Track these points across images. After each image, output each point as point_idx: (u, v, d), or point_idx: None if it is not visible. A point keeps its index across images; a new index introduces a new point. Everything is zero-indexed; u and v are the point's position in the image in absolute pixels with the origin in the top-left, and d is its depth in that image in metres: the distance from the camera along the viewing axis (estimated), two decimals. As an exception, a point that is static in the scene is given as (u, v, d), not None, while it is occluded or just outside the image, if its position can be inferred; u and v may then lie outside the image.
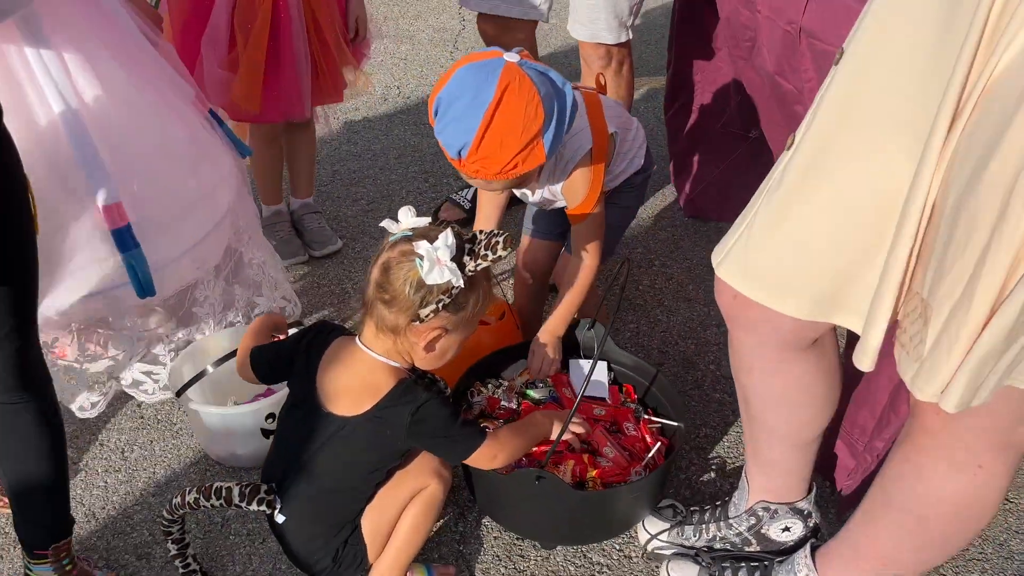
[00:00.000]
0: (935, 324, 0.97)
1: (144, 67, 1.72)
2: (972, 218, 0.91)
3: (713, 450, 1.88)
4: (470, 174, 1.46)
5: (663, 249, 2.58)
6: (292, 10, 2.01)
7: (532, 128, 1.39)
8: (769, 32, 1.88)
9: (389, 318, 1.33)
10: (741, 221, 1.22)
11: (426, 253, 1.26)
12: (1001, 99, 0.89)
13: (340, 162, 3.03)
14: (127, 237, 1.62)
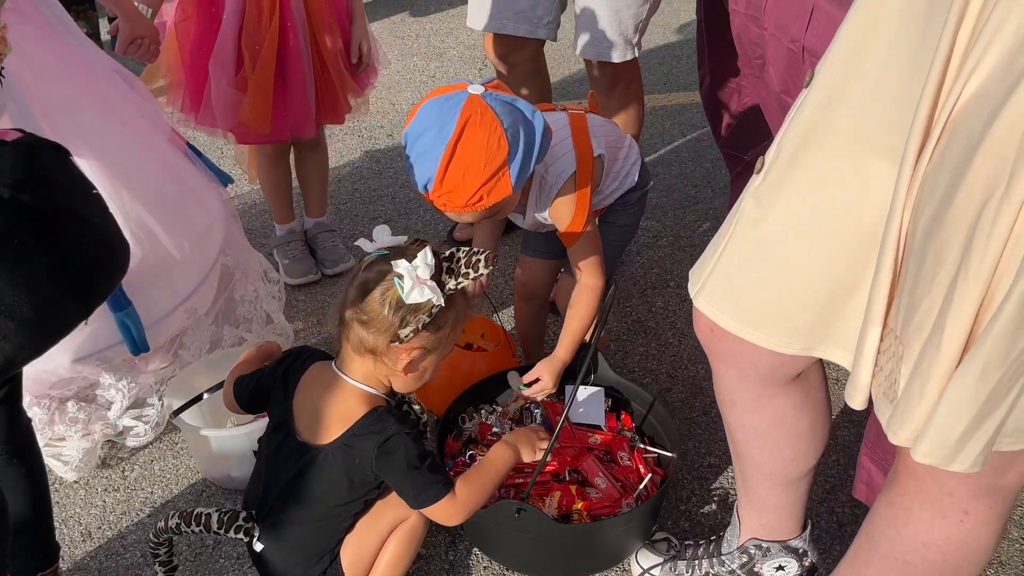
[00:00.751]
0: (907, 363, 0.93)
1: (123, 111, 1.73)
2: (939, 252, 0.86)
3: (716, 480, 1.82)
4: (439, 207, 1.46)
5: (679, 270, 2.52)
6: (298, 30, 2.03)
7: (496, 160, 1.38)
8: (775, 49, 1.82)
9: (368, 339, 1.31)
10: (716, 246, 1.18)
11: (406, 272, 1.24)
12: (966, 128, 0.84)
13: (361, 180, 3.05)
14: (120, 296, 1.61)
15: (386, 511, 1.42)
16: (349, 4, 2.17)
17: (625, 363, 2.17)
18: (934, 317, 0.88)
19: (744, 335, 1.14)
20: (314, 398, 1.39)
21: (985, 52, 0.83)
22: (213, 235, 1.91)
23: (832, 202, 1.02)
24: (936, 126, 0.88)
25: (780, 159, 1.06)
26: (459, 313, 1.36)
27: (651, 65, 3.96)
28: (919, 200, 0.90)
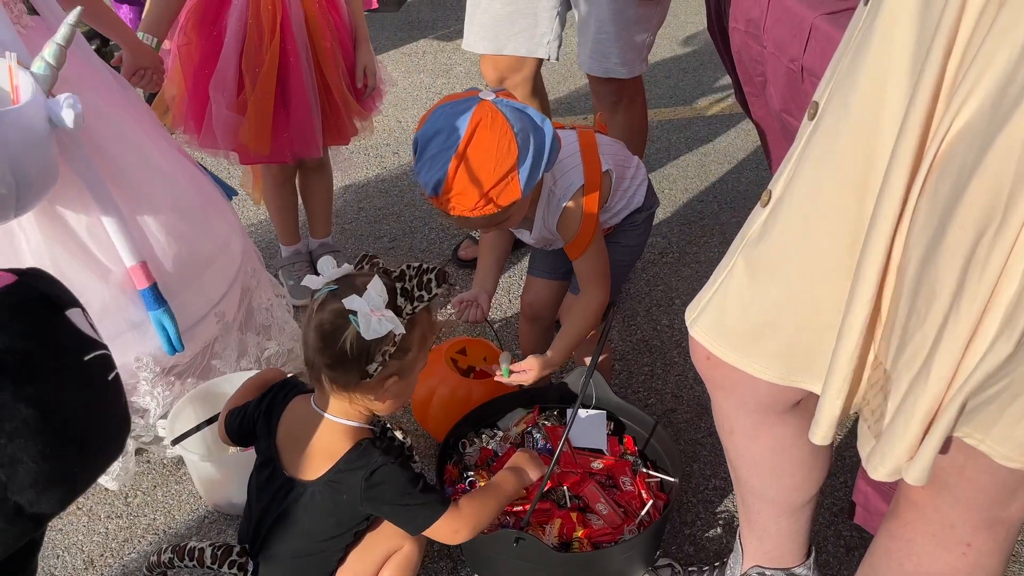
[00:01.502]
0: (894, 398, 0.92)
1: (143, 123, 1.76)
2: (932, 288, 0.85)
3: (721, 503, 1.80)
4: (447, 211, 1.45)
5: (685, 287, 2.50)
6: (300, 52, 2.03)
7: (506, 162, 1.38)
8: (774, 68, 1.81)
9: (340, 379, 1.28)
10: (716, 278, 1.17)
11: (360, 309, 1.20)
12: (959, 160, 0.83)
13: (367, 199, 3.06)
14: (156, 295, 1.63)
15: (378, 542, 1.41)
16: (353, 28, 2.17)
17: (630, 383, 2.15)
18: (925, 352, 0.86)
19: (741, 366, 1.13)
20: (296, 434, 1.37)
21: (976, 83, 0.81)
22: (233, 244, 1.93)
23: (833, 241, 1.01)
24: (927, 157, 0.86)
25: (790, 196, 1.04)
26: (424, 329, 1.33)
27: (657, 79, 3.95)
28: (912, 233, 0.88)
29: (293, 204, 2.44)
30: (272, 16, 1.99)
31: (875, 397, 0.95)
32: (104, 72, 1.73)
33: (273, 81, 2.03)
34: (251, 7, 1.98)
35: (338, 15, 2.11)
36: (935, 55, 0.84)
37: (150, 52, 1.93)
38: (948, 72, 0.84)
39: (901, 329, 0.91)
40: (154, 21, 1.99)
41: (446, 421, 1.74)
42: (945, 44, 0.83)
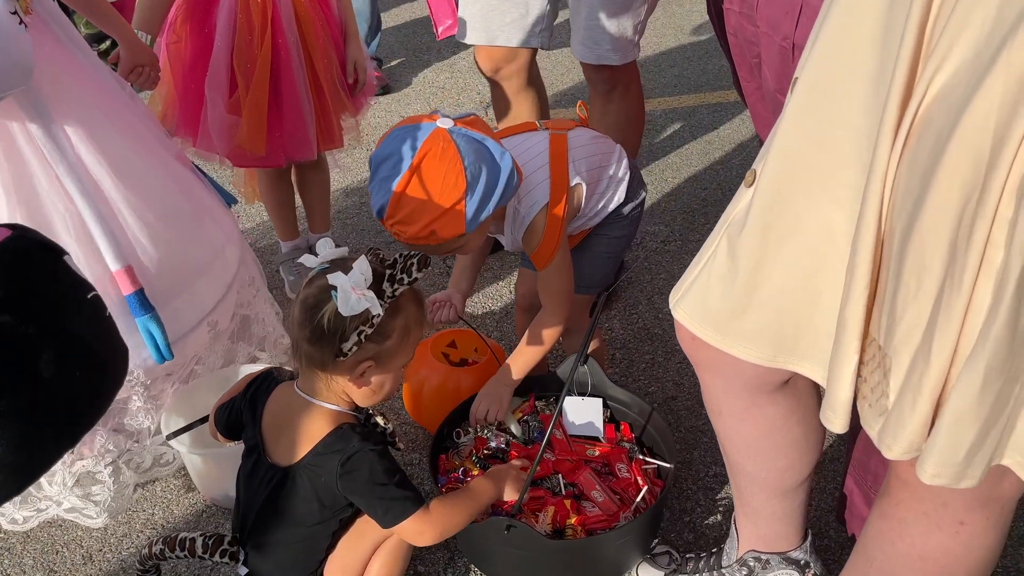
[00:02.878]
0: (896, 374, 0.89)
1: (136, 129, 1.74)
2: (919, 259, 0.83)
3: (722, 490, 1.78)
4: (393, 235, 1.44)
5: (687, 274, 2.47)
6: (292, 50, 2.02)
7: (450, 196, 1.36)
8: (768, 47, 1.78)
9: (315, 356, 1.29)
10: (700, 259, 1.15)
11: (340, 284, 1.22)
12: (935, 126, 0.81)
13: (368, 194, 3.04)
14: (142, 300, 1.61)
15: (367, 530, 1.40)
16: (343, 23, 2.15)
17: (631, 371, 2.13)
18: (923, 326, 0.84)
19: (724, 348, 1.11)
20: (280, 420, 1.38)
21: (951, 47, 0.79)
22: (229, 253, 1.91)
23: (813, 216, 0.99)
24: (904, 124, 0.84)
25: (766, 173, 1.03)
26: (408, 321, 1.33)
27: (662, 67, 3.92)
28: (893, 203, 0.86)
29: (289, 200, 2.43)
30: (263, 12, 1.98)
31: (873, 374, 0.92)
32: (102, 73, 1.72)
33: (267, 80, 2.01)
34: (240, 2, 1.97)
35: (328, 9, 2.10)
36: (912, 21, 0.81)
37: (147, 50, 1.92)
38: (924, 39, 0.82)
39: (890, 302, 0.88)
40: (146, 17, 1.98)
41: (438, 412, 1.73)
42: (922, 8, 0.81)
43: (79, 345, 0.93)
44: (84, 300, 0.96)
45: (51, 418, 0.90)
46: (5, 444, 0.86)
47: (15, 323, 0.86)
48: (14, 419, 0.86)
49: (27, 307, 0.88)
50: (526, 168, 1.57)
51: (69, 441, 0.95)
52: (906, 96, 0.84)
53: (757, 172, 1.05)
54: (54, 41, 1.65)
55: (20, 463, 0.88)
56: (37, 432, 0.89)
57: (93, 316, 0.97)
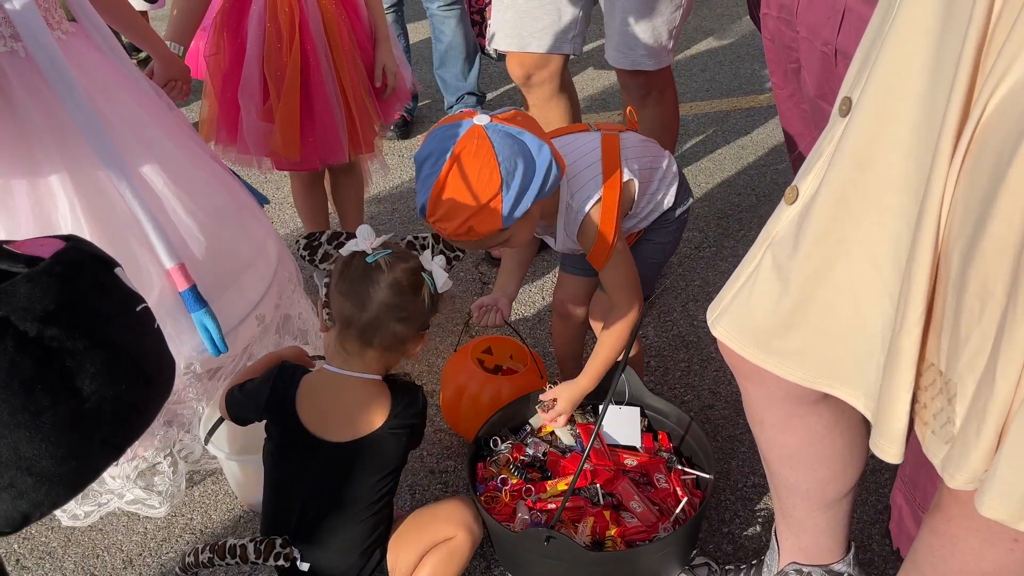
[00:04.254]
0: (961, 401, 0.87)
1: (176, 130, 1.78)
2: (983, 283, 0.80)
3: (760, 501, 1.76)
4: (439, 231, 1.44)
5: (722, 281, 2.42)
6: (320, 56, 2.03)
7: (485, 192, 1.36)
8: (808, 53, 1.76)
9: (403, 333, 1.40)
10: (739, 275, 1.13)
11: (435, 268, 1.39)
12: (995, 149, 0.78)
13: (400, 199, 3.06)
14: (196, 296, 1.65)
15: (434, 524, 1.48)
16: (373, 28, 2.15)
17: (666, 379, 2.11)
18: (988, 352, 0.82)
19: (765, 365, 1.09)
20: (323, 404, 1.43)
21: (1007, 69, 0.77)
22: (269, 247, 1.95)
23: (866, 246, 0.97)
24: (960, 147, 0.82)
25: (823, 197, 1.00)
26: None
27: (693, 72, 3.90)
28: (952, 225, 0.84)
29: (323, 206, 2.44)
30: (290, 18, 1.99)
31: (935, 400, 0.90)
32: (141, 82, 1.75)
33: (297, 86, 2.02)
34: (268, 10, 1.99)
35: (355, 13, 2.10)
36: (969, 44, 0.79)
37: (180, 63, 1.95)
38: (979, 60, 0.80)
39: (951, 328, 0.86)
40: (179, 29, 2.01)
41: (476, 420, 1.73)
42: (979, 30, 0.79)
43: (126, 358, 0.93)
44: (133, 313, 0.97)
45: (96, 430, 0.90)
46: (50, 456, 0.86)
47: (63, 336, 0.87)
48: (59, 431, 0.86)
49: (76, 320, 0.89)
50: (578, 164, 1.57)
51: (114, 453, 0.95)
52: (962, 119, 0.82)
53: (800, 190, 1.03)
54: (98, 51, 1.68)
55: (65, 475, 0.89)
56: (82, 444, 0.89)
57: (141, 329, 0.98)
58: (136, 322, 0.98)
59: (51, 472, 0.87)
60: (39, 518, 0.91)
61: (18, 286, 0.87)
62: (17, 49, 1.52)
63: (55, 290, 0.88)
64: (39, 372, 0.85)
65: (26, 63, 1.53)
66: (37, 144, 1.55)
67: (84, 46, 1.65)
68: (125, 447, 0.97)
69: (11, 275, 0.89)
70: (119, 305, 0.97)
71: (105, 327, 0.92)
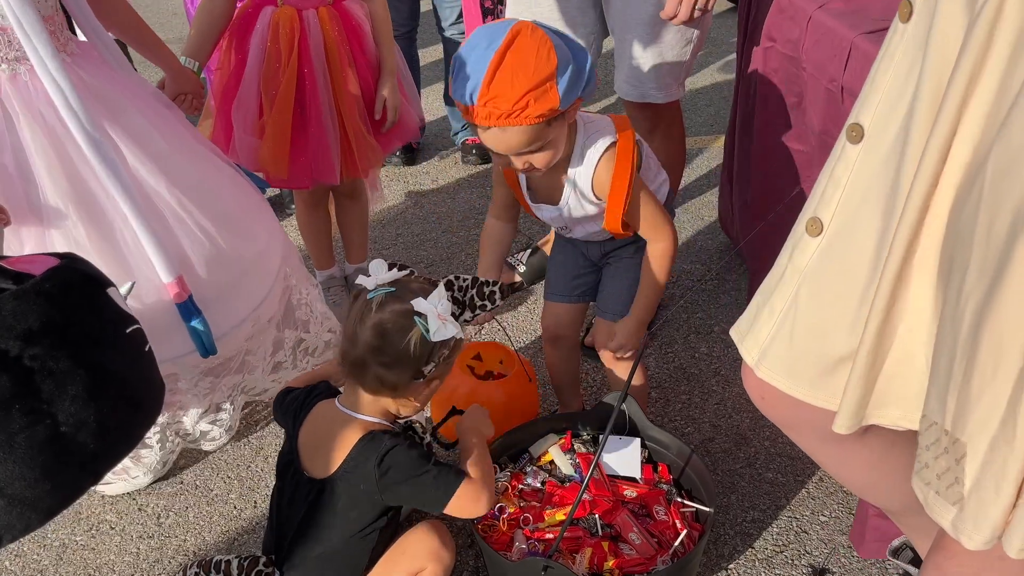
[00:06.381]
0: (972, 461, 0.85)
1: (185, 139, 1.80)
2: (998, 342, 0.79)
3: (760, 536, 1.74)
4: (482, 120, 1.41)
5: (724, 314, 2.45)
6: (318, 75, 2.04)
7: (544, 69, 1.36)
8: (814, 90, 1.78)
9: (389, 378, 1.32)
10: (772, 308, 1.09)
11: (429, 312, 1.27)
12: (1012, 207, 0.76)
13: (405, 225, 3.07)
14: (191, 307, 1.68)
15: (400, 562, 1.42)
16: (378, 60, 2.16)
17: (667, 411, 2.10)
18: (1002, 410, 0.80)
19: (817, 402, 1.07)
20: (318, 436, 1.41)
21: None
22: (273, 248, 1.97)
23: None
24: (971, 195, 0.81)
25: (846, 232, 1.00)
26: (458, 339, 1.39)
27: (698, 106, 3.93)
28: (966, 279, 0.82)
29: (326, 229, 2.45)
30: (290, 38, 2.01)
31: (938, 460, 0.88)
32: (145, 89, 1.78)
33: (290, 103, 2.04)
34: (271, 30, 2.02)
35: (359, 44, 2.11)
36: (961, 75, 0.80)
37: (192, 77, 1.97)
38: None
39: (960, 386, 0.84)
40: (196, 46, 2.03)
41: None
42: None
43: (112, 381, 0.92)
44: (123, 334, 0.96)
45: (73, 454, 0.88)
46: (23, 478, 0.84)
47: (45, 356, 0.85)
48: (34, 453, 0.84)
49: (61, 340, 0.88)
50: (592, 123, 1.59)
51: (91, 478, 0.93)
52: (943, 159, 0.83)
53: (824, 221, 1.02)
54: (105, 66, 1.71)
55: (38, 498, 0.86)
56: (58, 467, 0.87)
57: (131, 351, 0.97)
58: (126, 344, 0.97)
59: (23, 495, 0.85)
60: (10, 541, 0.89)
61: (3, 303, 0.85)
62: (20, 72, 1.54)
63: (41, 309, 0.87)
64: (17, 392, 0.83)
65: (29, 84, 1.55)
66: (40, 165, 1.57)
67: (91, 64, 1.67)
68: (103, 472, 0.94)
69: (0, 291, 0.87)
70: (109, 326, 0.96)
71: (92, 348, 0.91)
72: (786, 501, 1.82)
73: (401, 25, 3.11)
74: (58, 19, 1.62)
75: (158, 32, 1.94)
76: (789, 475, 1.88)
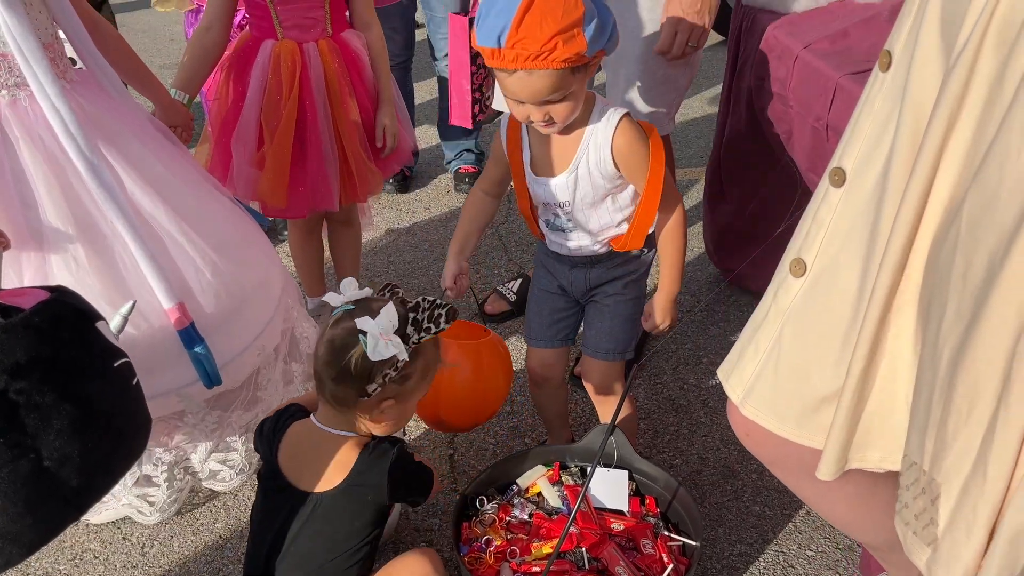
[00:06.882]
0: (946, 502, 0.86)
1: (183, 166, 1.82)
2: (972, 384, 0.80)
3: (747, 570, 1.74)
4: (509, 63, 1.41)
5: (712, 345, 2.47)
6: (318, 106, 2.07)
7: (572, 13, 1.39)
8: (800, 126, 1.81)
9: (340, 394, 1.36)
10: (757, 347, 1.10)
11: (369, 329, 1.28)
12: (987, 250, 0.77)
13: (397, 252, 3.09)
14: (193, 334, 1.68)
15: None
16: (377, 89, 2.19)
17: (655, 442, 2.11)
18: (975, 452, 0.82)
19: (803, 440, 1.08)
20: (301, 453, 1.44)
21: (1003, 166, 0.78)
22: (273, 277, 1.98)
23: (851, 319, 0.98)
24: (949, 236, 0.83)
25: (829, 275, 1.02)
26: (428, 361, 1.42)
27: (688, 139, 3.97)
28: (943, 322, 0.84)
29: (319, 256, 2.46)
30: (291, 71, 2.04)
31: (917, 500, 0.90)
32: (142, 116, 1.79)
33: (290, 135, 2.06)
34: (272, 62, 2.04)
35: (358, 74, 2.14)
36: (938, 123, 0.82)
37: (181, 110, 1.99)
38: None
39: (937, 426, 0.86)
40: (187, 78, 2.05)
41: (460, 400, 1.76)
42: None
43: (98, 415, 0.92)
44: (111, 368, 0.96)
45: (57, 488, 0.88)
46: (5, 513, 0.84)
47: (31, 390, 0.86)
48: (16, 487, 0.84)
49: (48, 374, 0.88)
50: (603, 100, 1.60)
51: (74, 513, 0.92)
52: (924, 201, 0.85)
53: (807, 262, 1.03)
54: (104, 93, 1.72)
55: (20, 533, 0.86)
56: (41, 502, 0.87)
57: (118, 385, 0.97)
58: (114, 377, 0.97)
59: (5, 529, 0.84)
60: None
61: None
62: (20, 98, 1.56)
63: (29, 342, 0.87)
64: (1, 426, 0.83)
65: (29, 110, 1.56)
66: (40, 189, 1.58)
67: (90, 91, 1.69)
68: (86, 507, 0.94)
69: None
70: (98, 360, 0.96)
71: (79, 382, 0.91)
72: (773, 535, 1.82)
73: (396, 55, 3.14)
74: (58, 47, 1.64)
75: (155, 58, 1.97)
76: (776, 509, 1.89)
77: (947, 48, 0.85)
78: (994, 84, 0.79)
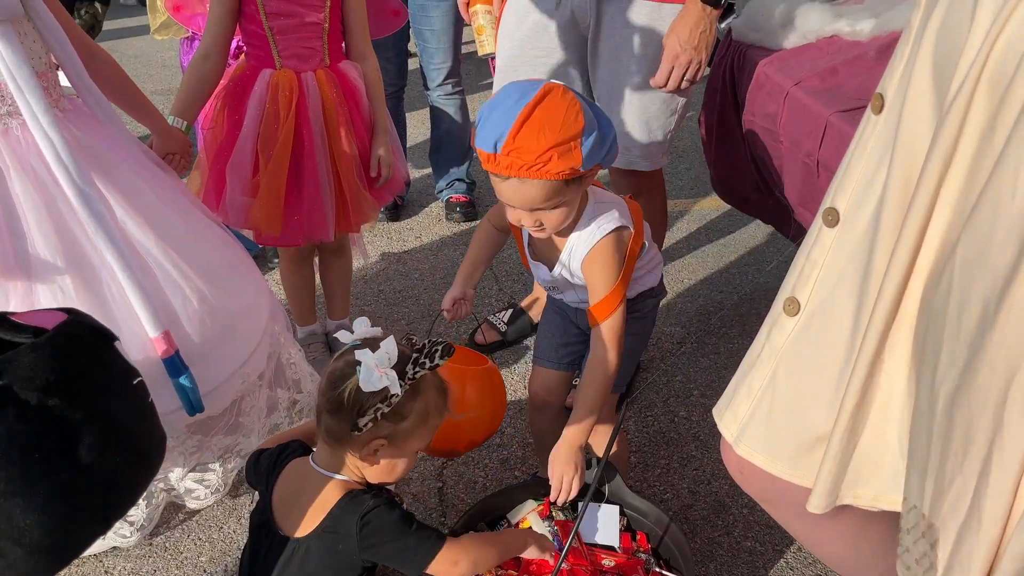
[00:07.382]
0: (944, 547, 0.86)
1: (172, 193, 1.81)
2: (967, 429, 0.80)
3: (738, 607, 1.73)
4: (503, 169, 1.41)
5: (703, 378, 2.47)
6: (315, 136, 2.07)
7: (571, 128, 1.39)
8: (791, 162, 1.83)
9: (333, 427, 1.34)
10: (751, 386, 1.10)
11: (364, 360, 1.28)
12: (982, 293, 0.78)
13: (386, 281, 3.08)
14: (178, 363, 1.67)
15: None
16: (372, 120, 2.20)
17: (646, 476, 2.10)
18: (969, 499, 0.82)
19: (797, 480, 1.08)
20: (293, 493, 1.41)
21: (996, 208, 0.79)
22: (260, 304, 1.97)
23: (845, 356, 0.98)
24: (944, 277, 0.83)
25: (822, 315, 1.02)
26: (428, 406, 1.37)
27: (678, 170, 4.00)
28: (937, 367, 0.84)
29: (310, 286, 2.45)
30: (288, 100, 2.04)
31: (917, 544, 0.89)
32: (133, 145, 1.79)
33: (286, 163, 2.06)
34: (271, 91, 2.04)
35: (356, 105, 2.15)
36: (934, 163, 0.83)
37: (180, 137, 1.99)
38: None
39: (936, 470, 0.86)
40: (185, 105, 2.05)
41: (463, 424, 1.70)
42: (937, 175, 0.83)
43: (121, 431, 0.95)
44: (130, 387, 1.00)
45: (88, 502, 0.91)
46: (41, 527, 0.86)
47: (63, 407, 0.88)
48: (53, 502, 0.87)
49: (76, 391, 0.91)
50: (599, 195, 1.60)
51: (102, 526, 0.95)
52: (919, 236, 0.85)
53: (801, 302, 1.03)
54: (96, 121, 1.73)
55: (53, 546, 0.88)
56: (73, 516, 0.89)
57: (137, 403, 1.00)
58: (133, 396, 1.00)
59: (40, 543, 0.87)
60: None
61: (21, 356, 0.88)
62: (12, 126, 1.56)
63: (57, 361, 0.90)
64: (38, 441, 0.86)
65: (21, 139, 1.56)
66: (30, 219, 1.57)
67: (83, 120, 1.69)
68: (113, 521, 0.97)
69: (12, 345, 0.90)
70: (118, 379, 0.99)
71: (103, 400, 0.94)
72: (764, 571, 1.80)
73: (390, 84, 3.16)
74: (51, 75, 1.64)
75: (147, 83, 1.97)
76: (767, 544, 1.88)
77: (939, 92, 0.86)
78: (986, 130, 0.80)
